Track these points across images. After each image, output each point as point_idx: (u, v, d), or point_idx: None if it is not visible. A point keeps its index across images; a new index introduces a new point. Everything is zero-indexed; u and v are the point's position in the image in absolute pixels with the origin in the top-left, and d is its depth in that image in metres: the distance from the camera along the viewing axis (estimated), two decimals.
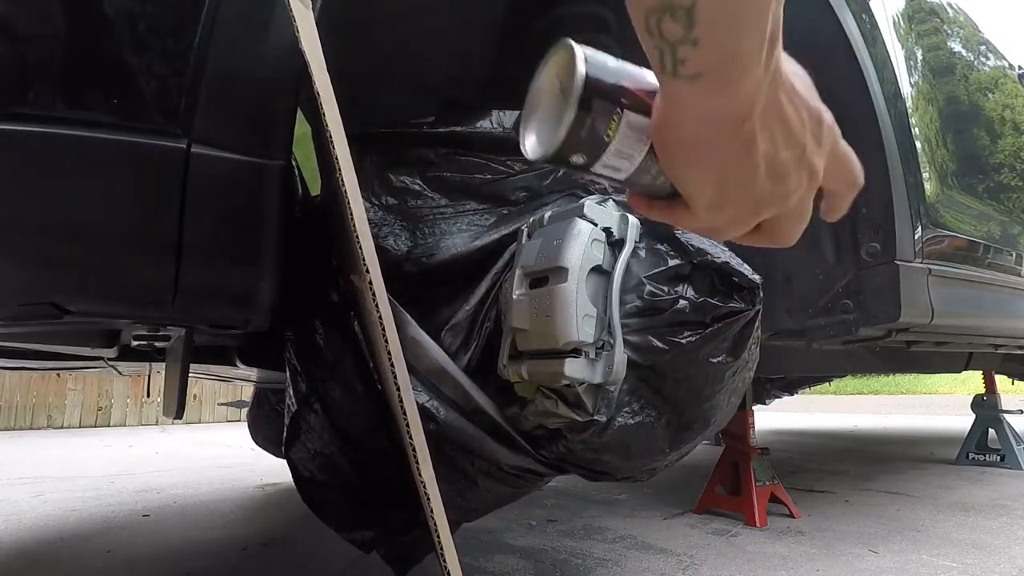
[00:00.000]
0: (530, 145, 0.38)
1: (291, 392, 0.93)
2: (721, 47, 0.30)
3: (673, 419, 0.85)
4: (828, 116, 0.36)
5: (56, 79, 0.60)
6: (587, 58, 0.34)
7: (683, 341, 0.78)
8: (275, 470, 2.79)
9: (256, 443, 2.28)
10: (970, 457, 2.88)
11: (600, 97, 0.34)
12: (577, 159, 0.36)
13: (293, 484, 0.95)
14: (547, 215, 0.87)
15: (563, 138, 0.34)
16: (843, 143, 0.38)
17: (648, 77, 0.36)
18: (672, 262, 0.81)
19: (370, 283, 0.65)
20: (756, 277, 0.81)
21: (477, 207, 0.98)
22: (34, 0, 0.60)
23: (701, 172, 0.34)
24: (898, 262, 1.17)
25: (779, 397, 3.97)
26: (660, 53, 0.31)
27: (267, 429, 2.15)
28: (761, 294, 0.82)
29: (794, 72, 0.35)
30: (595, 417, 0.78)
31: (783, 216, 0.38)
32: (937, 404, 7.50)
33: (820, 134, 0.36)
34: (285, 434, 0.94)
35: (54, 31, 0.60)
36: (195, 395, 6.43)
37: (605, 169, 0.36)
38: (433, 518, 0.67)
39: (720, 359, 0.81)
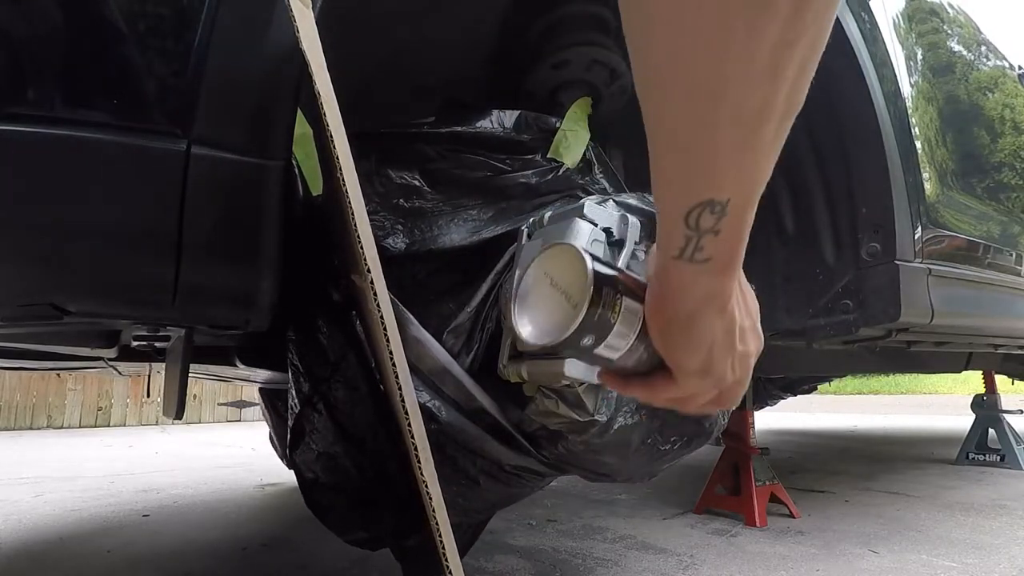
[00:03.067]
0: (529, 334, 0.41)
1: (294, 393, 0.93)
2: (739, 235, 0.34)
3: (668, 421, 0.85)
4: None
5: (55, 79, 0.60)
6: (592, 256, 0.39)
7: None
8: (275, 470, 2.79)
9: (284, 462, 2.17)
10: (970, 457, 2.88)
11: (604, 286, 0.38)
12: (587, 340, 0.39)
13: (293, 484, 0.95)
14: (547, 215, 0.87)
15: (573, 331, 0.38)
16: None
17: (636, 269, 0.42)
18: None
19: (371, 283, 0.65)
20: None
21: (476, 202, 0.98)
22: (32, 0, 0.60)
23: (694, 343, 0.39)
24: (898, 262, 1.17)
25: (783, 398, 3.97)
26: (687, 241, 0.34)
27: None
28: None
29: None
30: (595, 417, 0.78)
31: (738, 381, 0.43)
32: (937, 404, 7.50)
33: (750, 303, 0.43)
34: (289, 437, 0.93)
35: (53, 31, 0.60)
36: (195, 395, 6.43)
37: (605, 350, 0.40)
38: (435, 517, 0.67)
39: None
